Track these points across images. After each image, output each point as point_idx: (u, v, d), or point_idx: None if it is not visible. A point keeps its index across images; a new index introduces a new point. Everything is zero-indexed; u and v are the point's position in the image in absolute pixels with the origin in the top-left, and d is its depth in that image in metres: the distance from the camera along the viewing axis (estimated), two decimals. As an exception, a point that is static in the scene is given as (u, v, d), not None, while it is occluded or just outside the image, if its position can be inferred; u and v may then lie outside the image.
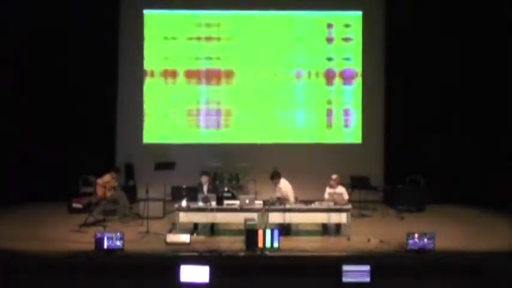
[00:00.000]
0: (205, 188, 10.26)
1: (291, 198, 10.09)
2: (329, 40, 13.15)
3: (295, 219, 9.60)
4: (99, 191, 10.58)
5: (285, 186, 10.25)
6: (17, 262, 8.26)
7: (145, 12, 13.10)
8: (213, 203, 9.61)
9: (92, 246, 8.57)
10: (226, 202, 9.71)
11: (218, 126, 13.18)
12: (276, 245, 8.58)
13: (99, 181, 10.62)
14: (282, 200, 9.88)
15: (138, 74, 13.08)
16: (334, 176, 10.16)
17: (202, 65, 13.13)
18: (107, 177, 10.72)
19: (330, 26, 13.15)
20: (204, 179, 10.36)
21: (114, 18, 12.89)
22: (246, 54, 13.14)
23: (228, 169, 12.32)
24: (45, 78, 12.44)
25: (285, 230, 9.57)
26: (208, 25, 13.10)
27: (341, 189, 10.07)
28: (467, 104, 12.45)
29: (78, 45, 12.45)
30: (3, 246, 8.80)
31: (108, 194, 10.63)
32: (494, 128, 12.26)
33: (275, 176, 10.26)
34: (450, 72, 12.52)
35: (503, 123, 12.21)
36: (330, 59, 13.16)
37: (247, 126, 13.17)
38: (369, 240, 9.33)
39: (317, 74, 13.16)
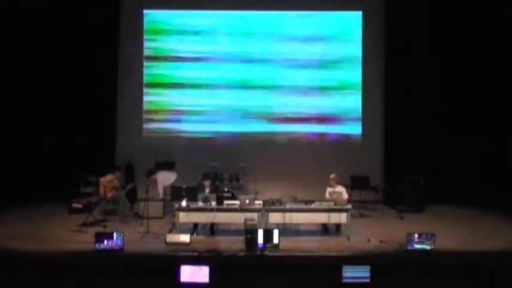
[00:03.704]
0: (207, 191, 10.30)
1: (160, 190, 11.09)
2: (329, 40, 13.15)
3: (295, 219, 9.59)
4: (101, 191, 10.59)
5: (161, 179, 11.05)
6: (17, 262, 8.25)
7: (145, 12, 13.10)
8: (213, 203, 9.62)
9: (92, 246, 8.57)
10: (226, 202, 9.70)
11: (218, 125, 13.18)
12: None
13: (103, 180, 10.62)
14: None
15: (138, 74, 13.08)
16: (332, 176, 10.17)
17: (202, 64, 13.14)
18: (109, 177, 10.72)
19: (330, 25, 13.15)
20: (207, 183, 10.46)
21: (114, 18, 12.89)
22: (246, 54, 13.14)
23: (228, 169, 12.32)
24: (45, 78, 12.45)
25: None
26: (208, 24, 13.12)
27: (341, 189, 10.07)
28: (468, 104, 12.44)
29: (78, 45, 12.45)
30: (3, 246, 8.80)
31: (109, 194, 10.63)
32: (494, 127, 12.26)
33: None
34: (450, 72, 12.52)
35: (504, 123, 12.22)
36: (330, 59, 13.16)
37: (247, 127, 13.18)
38: (368, 240, 9.33)
39: (317, 74, 13.16)
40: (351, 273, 7.63)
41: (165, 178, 11.31)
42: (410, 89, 12.68)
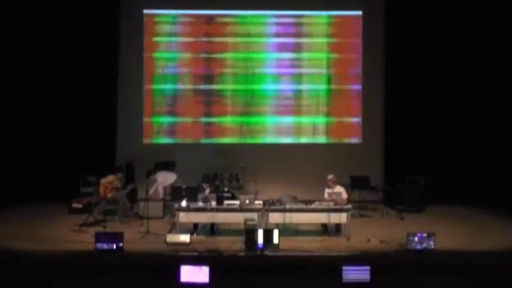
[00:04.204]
0: (207, 191, 10.31)
1: (160, 190, 11.21)
2: (329, 40, 13.15)
3: (295, 219, 9.59)
4: (101, 191, 10.59)
5: (160, 179, 11.12)
6: (17, 262, 8.25)
7: (145, 12, 13.11)
8: (213, 203, 9.62)
9: (92, 246, 8.58)
10: (226, 202, 9.71)
11: (219, 125, 13.18)
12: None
13: (103, 181, 10.63)
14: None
15: (138, 74, 13.09)
16: (329, 177, 10.16)
17: (202, 65, 13.15)
18: (110, 178, 10.73)
19: (329, 25, 13.15)
20: (206, 184, 10.49)
21: (114, 18, 12.89)
22: (246, 54, 13.14)
23: (228, 169, 12.33)
24: (46, 78, 12.45)
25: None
26: (208, 25, 13.13)
27: (339, 189, 10.06)
28: (468, 104, 12.44)
29: (78, 45, 12.45)
30: (3, 246, 8.81)
31: (109, 194, 10.63)
32: (494, 128, 12.26)
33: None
34: (450, 72, 12.52)
35: (504, 123, 12.22)
36: (330, 59, 13.16)
37: (247, 126, 13.18)
38: (369, 240, 9.33)
39: (317, 74, 13.16)
40: (351, 273, 7.63)
41: (165, 179, 11.31)
42: (410, 89, 12.67)
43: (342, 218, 9.56)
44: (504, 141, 12.20)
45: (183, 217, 9.57)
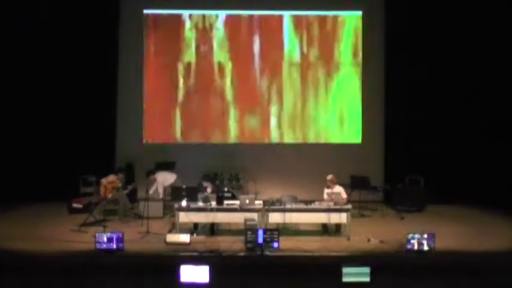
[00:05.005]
0: (209, 190, 10.31)
1: (160, 190, 11.21)
2: (329, 40, 13.15)
3: (295, 219, 9.59)
4: (102, 191, 10.60)
5: (160, 179, 11.17)
6: (16, 262, 8.25)
7: (145, 12, 13.11)
8: (213, 203, 9.63)
9: (92, 246, 8.58)
10: (226, 202, 9.71)
11: (218, 125, 13.18)
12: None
13: (104, 181, 10.63)
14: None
15: (138, 74, 13.08)
16: (329, 177, 10.14)
17: (202, 65, 13.15)
18: (111, 178, 10.74)
19: (329, 25, 13.16)
20: (207, 183, 10.49)
21: (114, 18, 12.88)
22: (246, 54, 13.15)
23: (228, 169, 12.33)
24: (45, 78, 12.45)
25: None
26: (207, 24, 13.13)
27: (339, 189, 10.04)
28: (468, 104, 12.44)
29: (78, 45, 12.45)
30: (2, 246, 8.81)
31: (109, 194, 10.63)
32: (494, 128, 12.26)
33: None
34: (450, 72, 12.52)
35: (504, 123, 12.22)
36: (330, 59, 13.16)
37: (247, 126, 13.18)
38: (369, 240, 9.33)
39: (317, 74, 13.17)
40: (351, 273, 7.63)
41: (165, 179, 11.32)
42: (411, 89, 12.66)
43: (341, 218, 9.56)
44: (504, 141, 12.20)
45: (183, 217, 9.57)
